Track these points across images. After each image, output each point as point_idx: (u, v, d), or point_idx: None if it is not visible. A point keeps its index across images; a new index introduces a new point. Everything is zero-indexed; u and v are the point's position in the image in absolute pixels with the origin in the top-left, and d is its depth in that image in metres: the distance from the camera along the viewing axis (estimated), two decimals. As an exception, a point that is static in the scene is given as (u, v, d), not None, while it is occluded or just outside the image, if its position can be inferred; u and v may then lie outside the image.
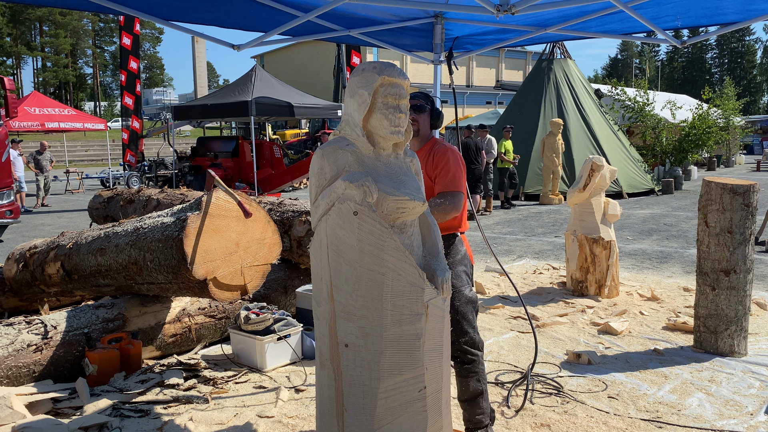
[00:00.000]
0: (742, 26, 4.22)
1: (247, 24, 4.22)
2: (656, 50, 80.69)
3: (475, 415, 2.94)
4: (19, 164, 14.71)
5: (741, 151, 28.28)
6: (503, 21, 4.18)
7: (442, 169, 2.96)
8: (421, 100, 3.10)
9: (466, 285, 2.96)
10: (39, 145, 16.45)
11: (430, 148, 3.06)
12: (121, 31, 17.03)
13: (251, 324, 4.05)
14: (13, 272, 4.80)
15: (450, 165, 2.96)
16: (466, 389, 2.92)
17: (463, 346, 2.89)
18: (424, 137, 3.09)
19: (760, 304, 5.31)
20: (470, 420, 2.96)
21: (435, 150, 3.03)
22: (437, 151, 3.02)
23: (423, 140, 3.09)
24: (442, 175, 2.94)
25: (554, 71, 15.41)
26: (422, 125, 3.07)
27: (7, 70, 55.44)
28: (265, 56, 50.58)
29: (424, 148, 3.07)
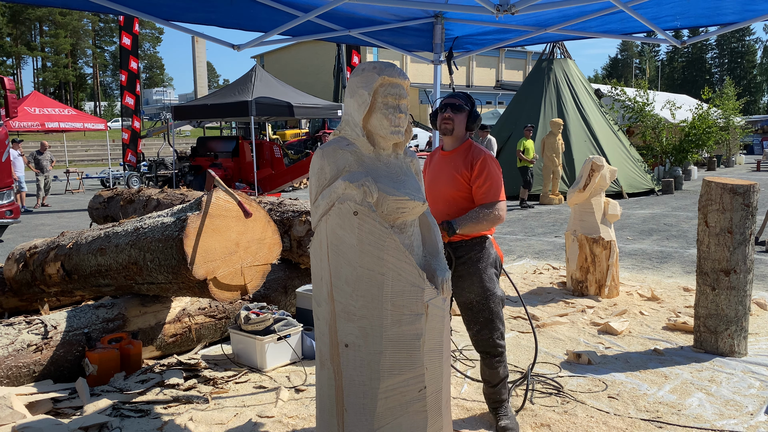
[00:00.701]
0: (742, 26, 4.22)
1: (247, 24, 4.21)
2: (656, 50, 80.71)
3: (500, 395, 3.18)
4: (20, 164, 14.72)
5: (741, 151, 28.26)
6: (503, 21, 4.18)
7: (486, 177, 2.95)
8: (461, 100, 3.06)
9: (497, 285, 3.07)
10: (39, 145, 16.46)
11: (467, 150, 3.04)
12: (121, 31, 17.02)
13: (251, 324, 4.05)
14: (13, 272, 4.80)
15: (492, 173, 2.96)
16: (495, 376, 3.13)
17: (496, 341, 3.07)
18: (458, 138, 3.07)
19: (760, 304, 5.31)
20: (494, 399, 3.20)
21: (473, 153, 3.01)
22: (476, 156, 2.99)
23: (457, 141, 3.06)
24: (488, 184, 2.94)
25: (554, 71, 15.40)
26: (457, 125, 3.03)
27: (7, 70, 55.45)
28: (265, 56, 50.59)
29: (460, 149, 3.05)
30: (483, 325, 3.05)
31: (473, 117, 3.06)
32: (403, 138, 2.30)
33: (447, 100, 3.07)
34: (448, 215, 3.03)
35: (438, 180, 3.09)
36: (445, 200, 3.06)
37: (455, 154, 3.07)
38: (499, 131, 15.33)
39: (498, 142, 13.89)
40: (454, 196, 3.03)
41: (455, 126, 3.03)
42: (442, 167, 3.09)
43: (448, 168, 3.05)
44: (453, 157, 3.07)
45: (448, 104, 3.04)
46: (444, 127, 3.04)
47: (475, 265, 3.01)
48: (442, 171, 3.08)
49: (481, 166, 2.96)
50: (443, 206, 3.06)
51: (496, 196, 2.95)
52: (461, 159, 3.03)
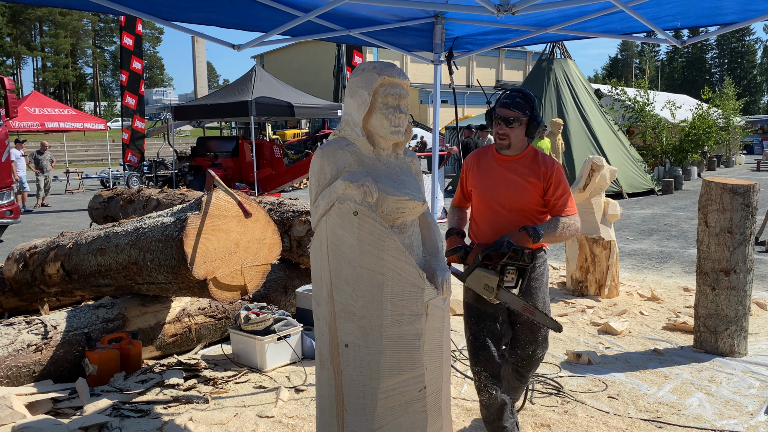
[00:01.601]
0: (742, 26, 4.22)
1: (247, 24, 4.21)
2: (656, 50, 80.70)
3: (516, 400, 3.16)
4: (22, 164, 14.77)
5: (741, 151, 28.26)
6: (503, 21, 4.18)
7: (564, 189, 2.81)
8: (515, 111, 2.73)
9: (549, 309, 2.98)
10: (40, 145, 16.47)
11: (533, 158, 2.85)
12: (122, 31, 17.01)
13: (251, 324, 4.05)
14: (13, 272, 4.80)
15: (567, 185, 2.84)
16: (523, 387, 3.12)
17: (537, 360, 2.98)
18: (517, 147, 2.84)
19: (760, 304, 5.31)
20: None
21: (544, 163, 2.83)
22: (549, 166, 2.82)
23: (517, 149, 2.84)
24: (565, 196, 2.80)
25: (554, 71, 15.39)
26: (514, 139, 2.78)
27: (7, 70, 55.45)
28: (265, 56, 50.59)
29: (523, 157, 2.85)
30: (540, 344, 2.91)
31: (534, 125, 2.77)
32: (403, 138, 2.30)
33: (502, 111, 2.76)
34: (515, 224, 2.81)
35: (499, 186, 2.86)
36: (510, 208, 2.85)
37: (518, 162, 2.85)
38: (499, 131, 15.31)
39: (498, 142, 13.88)
40: (522, 206, 2.84)
41: (512, 141, 2.79)
42: (502, 173, 2.86)
43: (510, 174, 2.84)
44: (515, 164, 2.85)
45: (501, 117, 2.75)
46: (500, 143, 2.81)
47: (539, 279, 2.89)
48: (502, 177, 2.86)
49: (557, 177, 2.80)
50: (507, 214, 2.86)
51: (574, 209, 2.83)
52: (527, 167, 2.83)
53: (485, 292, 2.64)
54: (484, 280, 2.63)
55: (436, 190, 4.92)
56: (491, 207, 2.87)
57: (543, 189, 2.80)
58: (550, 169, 2.80)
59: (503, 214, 2.85)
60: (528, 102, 2.74)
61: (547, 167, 2.81)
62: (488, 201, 2.88)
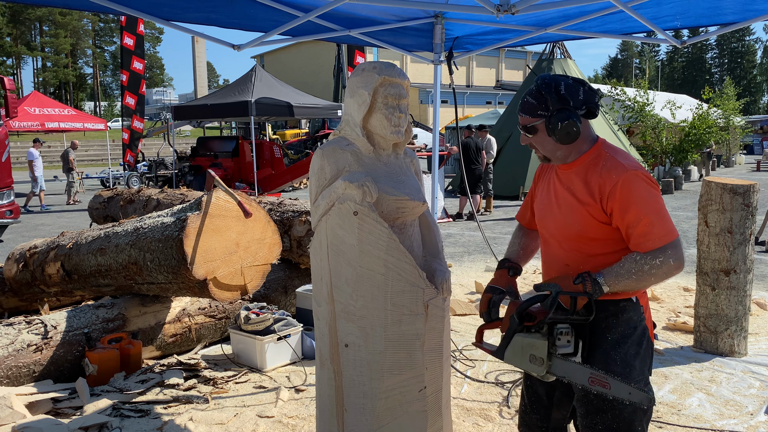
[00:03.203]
0: (742, 26, 4.22)
1: (247, 24, 4.21)
2: (656, 50, 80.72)
3: None
4: (39, 164, 15.04)
5: (741, 151, 28.26)
6: (503, 21, 4.18)
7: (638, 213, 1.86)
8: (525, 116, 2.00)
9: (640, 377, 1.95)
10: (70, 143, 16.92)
11: (591, 164, 1.98)
12: (122, 31, 17.01)
13: (251, 324, 4.05)
14: (13, 272, 4.80)
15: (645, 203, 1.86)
16: None
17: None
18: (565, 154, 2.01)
19: (760, 304, 5.31)
20: None
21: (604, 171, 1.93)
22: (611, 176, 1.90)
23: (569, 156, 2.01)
24: (646, 220, 1.86)
25: (554, 71, 15.39)
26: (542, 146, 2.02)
27: (7, 70, 55.45)
28: (265, 56, 50.58)
29: (580, 162, 2.01)
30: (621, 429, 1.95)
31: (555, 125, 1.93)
32: (403, 138, 2.30)
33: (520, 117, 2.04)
34: (564, 262, 2.04)
35: (551, 206, 2.07)
36: (560, 238, 2.05)
37: (574, 171, 2.01)
38: (499, 131, 15.33)
39: (498, 142, 13.88)
40: (574, 236, 2.00)
41: (545, 151, 2.04)
42: (557, 188, 2.06)
43: (563, 190, 2.03)
44: (572, 174, 2.01)
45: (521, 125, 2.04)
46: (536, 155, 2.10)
47: (603, 335, 1.98)
48: (557, 193, 2.06)
49: (625, 194, 1.87)
50: (557, 246, 2.07)
51: (664, 237, 1.85)
52: (581, 179, 1.97)
53: (534, 367, 1.91)
54: (528, 349, 1.91)
55: (436, 190, 4.92)
56: (543, 235, 2.16)
57: (602, 211, 1.92)
58: (610, 182, 1.89)
59: (553, 247, 2.10)
60: (540, 97, 1.95)
61: (605, 179, 1.90)
62: (540, 226, 2.16)
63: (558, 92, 1.93)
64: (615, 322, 1.97)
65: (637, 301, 1.98)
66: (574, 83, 1.96)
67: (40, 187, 14.77)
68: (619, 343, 1.96)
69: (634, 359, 1.95)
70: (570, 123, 1.91)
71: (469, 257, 7.89)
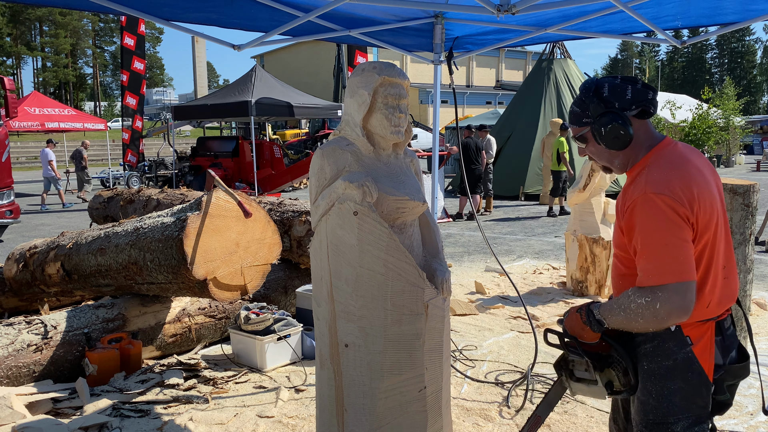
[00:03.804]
0: (742, 26, 4.22)
1: (247, 24, 4.21)
2: (656, 50, 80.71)
3: None
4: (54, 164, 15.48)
5: (741, 151, 28.25)
6: (503, 21, 4.18)
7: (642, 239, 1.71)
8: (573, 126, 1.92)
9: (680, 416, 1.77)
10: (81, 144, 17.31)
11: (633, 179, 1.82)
12: (123, 32, 17.01)
13: (251, 324, 4.05)
14: (13, 272, 4.80)
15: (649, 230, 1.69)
16: None
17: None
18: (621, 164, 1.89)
19: (760, 304, 5.31)
20: None
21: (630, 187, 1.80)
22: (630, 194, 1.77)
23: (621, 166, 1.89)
24: (644, 252, 1.70)
25: (554, 71, 15.40)
26: (595, 154, 1.93)
27: (7, 70, 55.44)
28: (265, 56, 50.59)
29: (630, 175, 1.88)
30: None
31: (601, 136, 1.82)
32: (403, 138, 2.30)
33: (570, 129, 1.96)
34: (614, 278, 1.94)
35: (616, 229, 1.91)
36: (615, 254, 1.92)
37: (629, 179, 1.87)
38: (499, 131, 15.33)
39: (498, 142, 13.89)
40: (617, 252, 1.90)
41: (598, 161, 1.95)
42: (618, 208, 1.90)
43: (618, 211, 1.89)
44: (623, 192, 1.86)
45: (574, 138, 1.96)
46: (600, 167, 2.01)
47: (641, 363, 1.83)
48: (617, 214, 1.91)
49: (635, 215, 1.72)
50: (615, 261, 1.93)
51: (657, 276, 1.67)
52: (622, 198, 1.85)
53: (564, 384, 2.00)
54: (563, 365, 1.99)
55: (436, 190, 4.93)
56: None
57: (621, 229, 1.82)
58: (630, 199, 1.75)
59: (614, 261, 1.95)
60: (582, 104, 1.86)
61: (629, 195, 1.77)
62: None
63: (600, 95, 1.82)
64: (651, 349, 1.80)
65: (678, 330, 1.76)
66: (622, 82, 1.82)
67: (56, 186, 15.33)
68: (655, 374, 1.79)
69: (675, 396, 1.76)
70: (615, 127, 1.78)
71: (469, 257, 7.89)
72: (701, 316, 1.76)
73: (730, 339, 1.83)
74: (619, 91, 1.81)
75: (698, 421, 1.77)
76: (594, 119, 1.82)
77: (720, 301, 1.79)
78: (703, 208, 1.71)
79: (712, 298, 1.76)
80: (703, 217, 1.71)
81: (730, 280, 1.83)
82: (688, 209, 1.67)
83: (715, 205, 1.77)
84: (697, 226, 1.70)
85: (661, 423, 1.77)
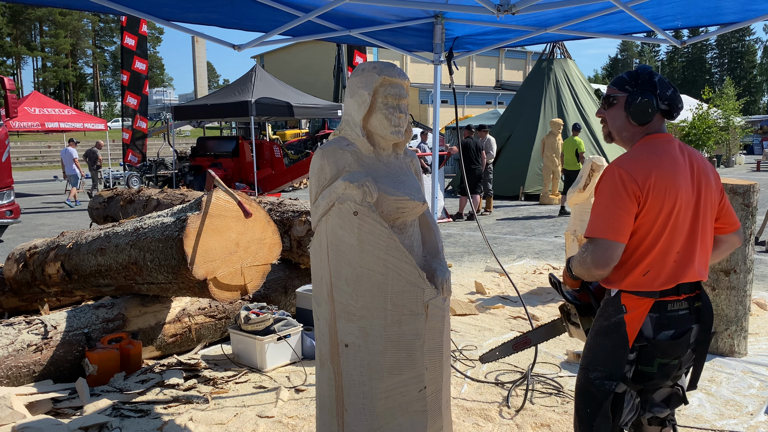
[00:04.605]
0: (742, 26, 4.22)
1: (247, 24, 4.21)
2: (656, 50, 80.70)
3: None
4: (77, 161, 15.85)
5: (741, 151, 28.25)
6: (503, 21, 4.18)
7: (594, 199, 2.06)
8: (613, 87, 2.13)
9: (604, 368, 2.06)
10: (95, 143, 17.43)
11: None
12: (123, 32, 17.01)
13: (251, 324, 4.05)
14: (13, 272, 4.80)
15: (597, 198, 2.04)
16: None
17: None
18: (624, 139, 2.14)
19: (760, 304, 5.31)
20: None
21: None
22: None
23: (624, 140, 2.14)
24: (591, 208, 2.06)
25: (554, 71, 15.41)
26: (611, 124, 2.15)
27: (7, 70, 55.44)
28: (265, 56, 50.58)
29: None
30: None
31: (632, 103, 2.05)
32: (403, 138, 2.31)
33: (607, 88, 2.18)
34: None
35: None
36: None
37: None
38: (499, 131, 15.33)
39: (498, 142, 13.89)
40: None
41: (609, 127, 2.16)
42: None
43: None
44: None
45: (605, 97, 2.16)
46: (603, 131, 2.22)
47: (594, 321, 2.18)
48: None
49: (599, 181, 2.08)
50: None
51: (592, 230, 2.01)
52: None
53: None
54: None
55: (436, 190, 4.92)
56: None
57: None
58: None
59: None
60: (634, 75, 2.09)
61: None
62: None
63: (652, 78, 2.07)
64: (600, 309, 2.14)
65: (616, 297, 2.07)
66: (668, 82, 2.09)
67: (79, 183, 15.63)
68: (594, 329, 2.13)
69: (599, 350, 2.08)
70: (649, 103, 2.03)
71: (469, 257, 7.89)
72: (637, 286, 2.02)
73: (672, 321, 2.05)
74: (665, 85, 2.07)
75: (610, 377, 2.05)
76: (636, 89, 2.06)
77: (664, 281, 2.02)
78: (657, 192, 1.97)
79: (653, 272, 2.01)
80: (654, 200, 1.97)
81: (681, 267, 2.04)
82: (638, 187, 1.96)
83: (681, 196, 2.01)
84: (645, 204, 1.97)
85: (585, 369, 2.12)
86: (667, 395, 2.19)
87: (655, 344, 2.04)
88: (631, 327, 2.03)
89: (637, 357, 2.07)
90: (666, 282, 2.02)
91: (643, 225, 2.00)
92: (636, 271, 2.02)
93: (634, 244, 2.01)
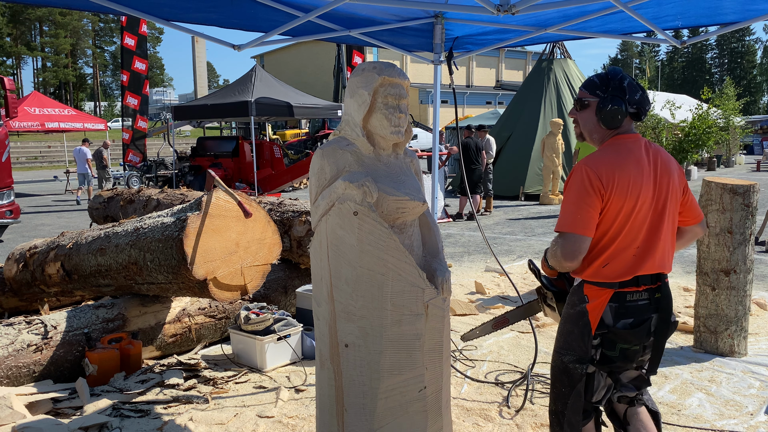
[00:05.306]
0: (742, 26, 4.22)
1: (247, 24, 4.21)
2: (656, 50, 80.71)
3: None
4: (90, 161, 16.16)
5: (741, 151, 28.23)
6: (503, 21, 4.18)
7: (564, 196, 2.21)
8: (583, 90, 2.26)
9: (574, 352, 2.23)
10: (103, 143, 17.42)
11: None
12: (123, 32, 17.01)
13: (251, 324, 4.05)
14: (13, 272, 4.80)
15: (565, 195, 2.21)
16: None
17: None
18: (594, 140, 2.28)
19: (760, 304, 5.31)
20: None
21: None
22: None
23: (596, 142, 2.29)
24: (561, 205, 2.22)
25: (554, 71, 15.40)
26: (583, 126, 2.29)
27: (7, 70, 55.44)
28: (265, 56, 50.59)
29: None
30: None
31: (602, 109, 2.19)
32: (403, 138, 2.30)
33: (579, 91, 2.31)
34: None
35: None
36: None
37: None
38: (499, 131, 15.33)
39: (498, 142, 13.89)
40: None
41: (581, 128, 2.30)
42: None
43: None
44: None
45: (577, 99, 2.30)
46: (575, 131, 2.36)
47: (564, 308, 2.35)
48: None
49: (568, 179, 2.23)
50: None
51: (560, 225, 2.17)
52: None
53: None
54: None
55: (436, 190, 4.92)
56: None
57: None
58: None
59: None
60: (604, 80, 2.20)
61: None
62: None
63: (621, 83, 2.19)
64: (568, 298, 2.30)
65: (579, 286, 2.24)
66: (637, 85, 2.21)
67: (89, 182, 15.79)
68: (563, 316, 2.30)
69: (569, 335, 2.25)
70: (618, 110, 2.16)
71: (469, 257, 7.89)
72: (598, 277, 2.17)
73: (630, 311, 2.19)
74: (634, 89, 2.19)
75: (580, 361, 2.22)
76: (606, 95, 2.18)
77: (623, 273, 2.16)
78: (619, 191, 2.12)
79: (611, 264, 2.15)
80: (616, 197, 2.12)
81: (640, 260, 2.17)
82: (602, 185, 2.11)
83: (642, 195, 2.15)
84: (608, 201, 2.12)
85: (558, 352, 2.28)
86: (635, 377, 2.34)
87: (615, 332, 2.18)
88: (593, 315, 2.19)
89: (601, 342, 2.22)
90: (624, 274, 2.16)
91: (604, 220, 2.14)
92: (596, 263, 2.17)
93: (596, 237, 2.16)
